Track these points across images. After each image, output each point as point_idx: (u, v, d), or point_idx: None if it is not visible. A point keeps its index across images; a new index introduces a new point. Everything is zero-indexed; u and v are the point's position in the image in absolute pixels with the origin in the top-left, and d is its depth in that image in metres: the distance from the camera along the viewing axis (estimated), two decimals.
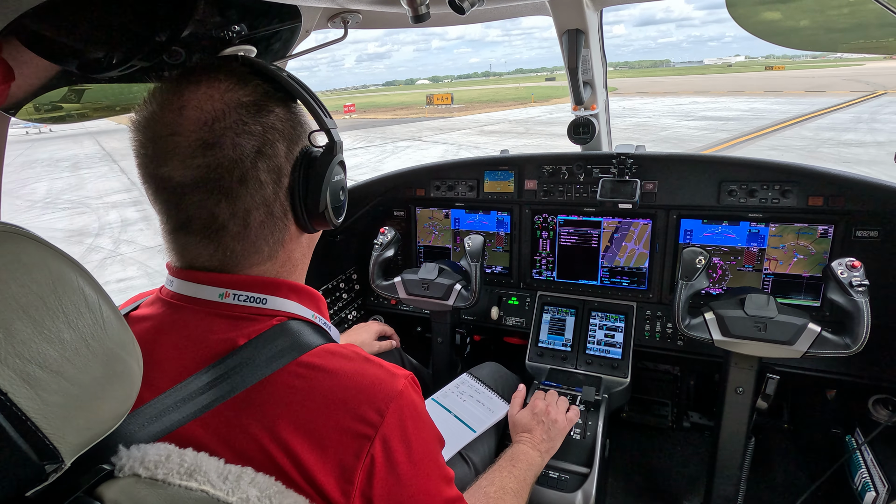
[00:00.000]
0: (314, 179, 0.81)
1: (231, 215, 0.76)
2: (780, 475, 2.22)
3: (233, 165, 0.74)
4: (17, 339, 0.47)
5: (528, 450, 1.42)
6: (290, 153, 0.80)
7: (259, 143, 0.75)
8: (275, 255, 0.83)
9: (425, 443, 0.78)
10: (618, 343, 2.05)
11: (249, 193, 0.76)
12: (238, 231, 0.77)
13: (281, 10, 1.23)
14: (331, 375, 0.73)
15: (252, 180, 0.75)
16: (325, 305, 0.92)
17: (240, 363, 0.72)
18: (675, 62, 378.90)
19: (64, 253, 0.55)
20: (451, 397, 1.77)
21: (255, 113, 0.76)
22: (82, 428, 0.53)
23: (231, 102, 0.74)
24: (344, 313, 2.52)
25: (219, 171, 0.73)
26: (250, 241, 0.79)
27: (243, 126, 0.74)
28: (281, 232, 0.82)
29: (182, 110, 0.73)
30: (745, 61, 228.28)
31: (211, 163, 0.72)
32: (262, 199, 0.77)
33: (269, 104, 0.78)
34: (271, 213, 0.79)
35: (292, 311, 0.82)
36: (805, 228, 1.81)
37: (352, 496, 0.69)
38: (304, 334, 0.78)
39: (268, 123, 0.77)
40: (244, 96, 0.76)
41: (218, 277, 0.79)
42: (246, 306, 0.78)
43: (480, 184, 2.30)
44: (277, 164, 0.78)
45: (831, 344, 1.46)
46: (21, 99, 1.01)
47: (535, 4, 1.70)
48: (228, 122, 0.73)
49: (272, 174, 0.78)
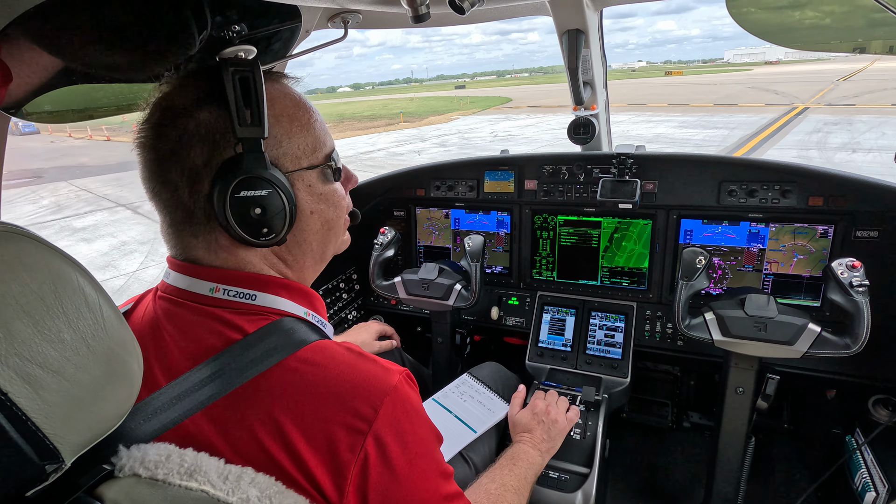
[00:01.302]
0: (221, 191, 0.76)
1: (160, 210, 0.81)
2: (780, 475, 2.22)
3: (154, 164, 0.78)
4: (17, 339, 0.47)
5: (528, 449, 1.43)
6: (212, 160, 0.77)
7: (173, 146, 0.77)
8: (215, 255, 0.81)
9: (421, 439, 0.78)
10: (618, 343, 2.05)
11: (167, 192, 0.79)
12: (173, 227, 0.81)
13: (281, 10, 1.23)
14: (325, 371, 0.73)
15: (168, 182, 0.78)
16: (320, 303, 0.91)
17: (234, 359, 0.72)
18: None
19: (64, 253, 0.55)
20: (451, 397, 1.77)
21: (174, 116, 0.77)
22: (82, 428, 0.53)
23: (160, 104, 0.79)
24: (344, 313, 2.52)
25: (148, 167, 0.79)
26: (186, 237, 0.81)
27: (161, 128, 0.78)
28: (209, 236, 0.80)
29: (149, 109, 0.81)
30: (647, 66, 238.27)
31: (145, 159, 0.79)
32: (178, 201, 0.78)
33: (195, 109, 0.77)
34: (190, 216, 0.79)
35: (283, 308, 0.82)
36: (805, 228, 1.81)
37: (346, 492, 0.69)
38: (297, 331, 0.78)
39: (183, 127, 0.76)
40: (178, 99, 0.79)
41: (208, 271, 0.80)
42: (236, 301, 0.79)
43: (480, 184, 2.30)
44: (192, 168, 0.76)
45: (831, 344, 1.46)
46: (21, 99, 1.01)
47: (535, 4, 1.70)
48: (152, 122, 0.78)
49: (187, 178, 0.77)
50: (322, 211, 0.89)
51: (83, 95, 1.16)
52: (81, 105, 1.20)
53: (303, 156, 0.86)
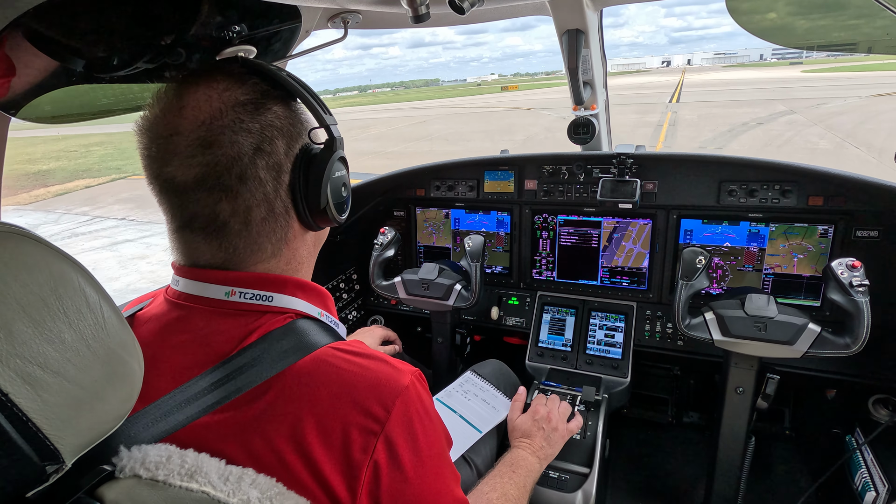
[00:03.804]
0: (314, 176, 0.82)
1: (232, 213, 0.77)
2: (780, 475, 2.22)
3: (231, 163, 0.74)
4: (17, 340, 0.47)
5: (527, 456, 1.42)
6: (290, 150, 0.81)
7: (257, 141, 0.76)
8: (278, 252, 0.83)
9: (433, 440, 0.78)
10: (618, 343, 2.05)
11: (249, 191, 0.77)
12: (239, 229, 0.78)
13: (281, 10, 1.23)
14: (338, 372, 0.73)
15: (251, 178, 0.76)
16: (332, 302, 0.92)
17: (247, 362, 0.72)
18: (443, 81, 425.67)
19: (65, 253, 0.55)
20: (455, 396, 1.76)
21: (253, 111, 0.76)
22: (83, 428, 0.53)
23: (228, 101, 0.75)
24: (344, 313, 2.52)
25: (217, 168, 0.74)
26: (252, 239, 0.79)
27: (240, 124, 0.75)
28: (284, 229, 0.82)
29: (181, 111, 0.74)
30: (498, 79, 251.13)
31: (210, 161, 0.73)
32: (262, 197, 0.78)
33: (267, 102, 0.78)
34: (272, 210, 0.80)
35: (299, 309, 0.82)
36: (805, 228, 1.81)
37: (359, 493, 0.68)
38: (311, 333, 0.78)
39: (265, 121, 0.77)
40: (241, 95, 0.77)
41: (223, 275, 0.79)
42: (252, 304, 0.78)
43: (480, 184, 2.29)
44: (277, 161, 0.79)
45: (831, 344, 1.46)
46: (21, 98, 1.01)
47: (535, 4, 1.70)
48: (226, 120, 0.74)
49: (272, 171, 0.78)
50: None
51: (83, 95, 1.16)
52: (81, 105, 1.20)
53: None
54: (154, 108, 0.77)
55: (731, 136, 16.36)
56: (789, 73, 64.89)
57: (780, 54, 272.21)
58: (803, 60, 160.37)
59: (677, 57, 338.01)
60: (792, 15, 1.19)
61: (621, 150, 1.99)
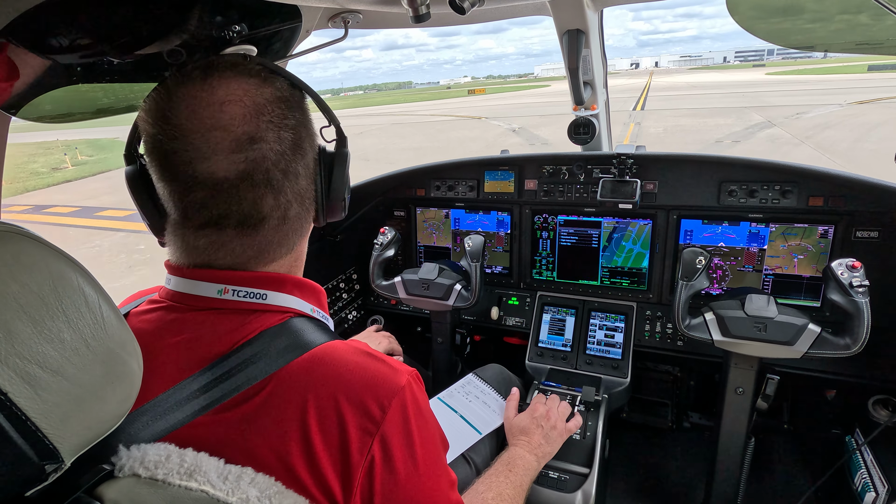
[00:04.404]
0: (337, 171, 0.87)
1: (274, 207, 0.78)
2: (780, 475, 2.22)
3: (279, 158, 0.76)
4: (17, 339, 0.47)
5: (524, 454, 1.42)
6: (313, 147, 0.84)
7: (295, 136, 0.79)
8: (293, 248, 0.85)
9: (428, 441, 0.78)
10: (618, 343, 2.05)
11: (290, 186, 0.79)
12: (277, 224, 0.80)
13: (281, 10, 1.23)
14: (334, 371, 0.73)
15: (292, 173, 0.79)
16: (324, 297, 0.92)
17: (243, 361, 0.72)
18: (416, 83, 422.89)
19: (64, 253, 0.55)
20: (456, 397, 1.76)
21: (287, 108, 0.78)
22: (82, 428, 0.53)
23: (269, 97, 0.76)
24: (344, 313, 2.52)
25: (265, 163, 0.75)
26: (284, 234, 0.82)
27: (284, 119, 0.77)
28: (306, 225, 0.87)
29: (222, 105, 0.72)
30: (471, 81, 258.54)
31: (257, 156, 0.74)
32: (298, 192, 0.81)
33: (295, 100, 0.81)
34: (303, 204, 0.83)
35: (292, 307, 0.81)
36: (805, 229, 1.81)
37: (353, 493, 0.68)
38: (306, 332, 0.78)
39: (298, 118, 0.80)
40: (277, 91, 0.78)
41: (219, 274, 0.78)
42: (245, 302, 0.78)
43: (480, 184, 2.29)
44: (309, 157, 0.82)
45: (831, 344, 1.46)
46: (21, 98, 1.01)
47: (536, 4, 1.70)
48: (272, 115, 0.76)
49: (305, 167, 0.82)
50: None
51: (83, 95, 1.16)
52: (81, 105, 1.20)
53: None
54: (173, 101, 0.73)
55: None
56: (753, 76, 64.05)
57: (743, 56, 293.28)
58: (765, 63, 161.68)
59: (645, 59, 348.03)
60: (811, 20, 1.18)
61: (621, 150, 1.99)
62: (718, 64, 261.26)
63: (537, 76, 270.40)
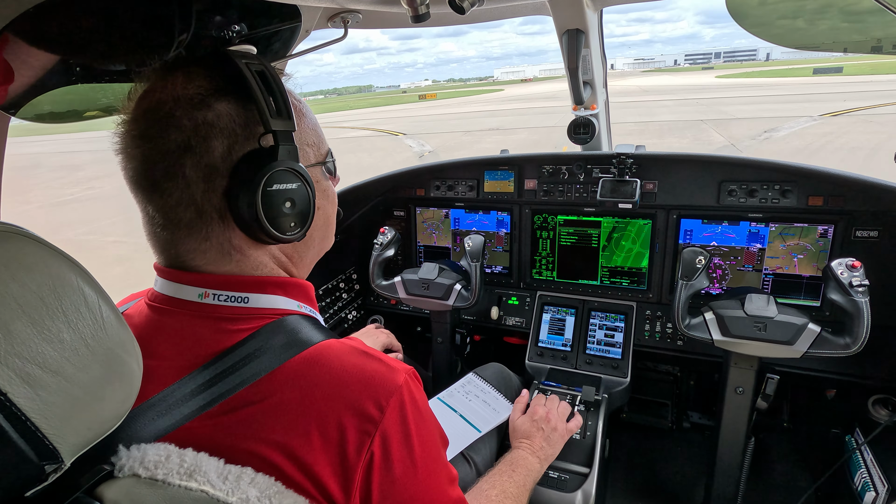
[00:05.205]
0: (247, 185, 0.72)
1: (158, 210, 0.74)
2: (780, 475, 2.22)
3: (159, 158, 0.72)
4: (16, 339, 0.47)
5: (527, 456, 1.42)
6: (232, 153, 0.73)
7: (186, 138, 0.71)
8: (229, 258, 0.78)
9: (427, 440, 0.77)
10: (618, 343, 2.05)
11: (176, 189, 0.72)
12: (171, 228, 0.75)
13: (281, 9, 1.23)
14: (331, 371, 0.72)
15: (177, 176, 0.72)
16: (312, 291, 0.89)
17: (234, 363, 0.71)
18: (377, 87, 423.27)
19: (64, 253, 0.55)
20: (456, 396, 1.77)
21: (191, 107, 0.72)
22: (82, 428, 0.53)
23: (169, 95, 0.73)
24: (344, 313, 2.52)
25: (147, 163, 0.72)
26: (181, 240, 0.76)
27: (171, 119, 0.71)
28: (222, 236, 0.76)
29: (139, 100, 0.75)
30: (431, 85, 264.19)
31: (144, 154, 0.72)
32: (189, 198, 0.73)
33: (212, 100, 0.73)
34: (201, 213, 0.74)
35: (282, 307, 0.80)
36: (805, 228, 1.81)
37: (352, 493, 0.68)
38: (300, 331, 0.77)
39: (202, 118, 0.72)
40: (185, 89, 0.73)
41: (197, 277, 0.77)
42: (227, 306, 0.76)
43: (480, 184, 2.29)
44: (209, 162, 0.72)
45: (831, 344, 1.46)
46: (21, 98, 1.01)
47: (535, 4, 1.70)
48: (160, 114, 0.72)
49: (201, 172, 0.72)
50: (324, 207, 0.90)
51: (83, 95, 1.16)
52: (81, 105, 1.20)
53: (311, 151, 0.86)
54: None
55: None
56: (704, 79, 63.07)
57: (692, 59, 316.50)
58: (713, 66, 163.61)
59: None
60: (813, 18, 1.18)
61: (621, 150, 1.99)
62: (670, 66, 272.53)
63: (497, 79, 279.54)
